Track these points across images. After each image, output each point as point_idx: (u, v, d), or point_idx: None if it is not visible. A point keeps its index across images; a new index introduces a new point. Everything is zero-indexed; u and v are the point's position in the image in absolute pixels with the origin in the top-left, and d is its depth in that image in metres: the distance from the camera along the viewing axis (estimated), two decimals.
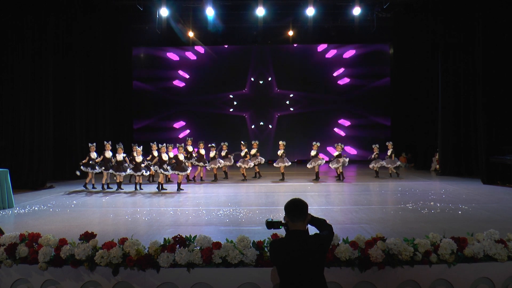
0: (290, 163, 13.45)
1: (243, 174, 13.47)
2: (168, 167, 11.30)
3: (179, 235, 4.14)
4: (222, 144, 13.73)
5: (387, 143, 14.09)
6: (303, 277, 2.89)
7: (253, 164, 13.46)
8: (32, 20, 12.30)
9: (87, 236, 4.16)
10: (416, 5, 16.17)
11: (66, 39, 13.89)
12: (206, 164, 13.31)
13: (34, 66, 12.44)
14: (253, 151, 13.62)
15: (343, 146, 13.33)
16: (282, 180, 13.17)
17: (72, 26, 13.99)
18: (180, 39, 18.14)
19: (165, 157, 11.40)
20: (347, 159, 13.12)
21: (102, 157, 11.76)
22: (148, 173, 12.01)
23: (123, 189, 11.58)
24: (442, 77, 14.30)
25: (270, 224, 3.24)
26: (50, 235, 4.23)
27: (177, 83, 20.32)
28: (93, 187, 11.87)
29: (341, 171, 13.17)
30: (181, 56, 20.17)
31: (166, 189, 11.39)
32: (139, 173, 11.49)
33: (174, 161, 11.49)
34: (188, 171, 11.89)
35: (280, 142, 13.53)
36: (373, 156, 13.78)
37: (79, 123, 14.49)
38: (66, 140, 13.94)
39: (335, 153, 13.17)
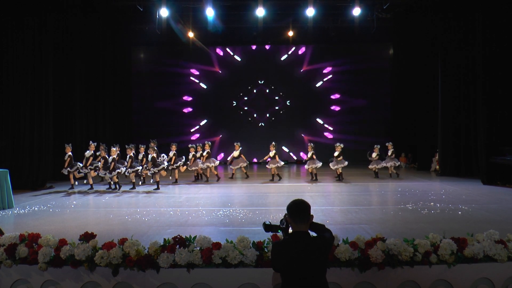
0: (282, 163, 13.45)
1: (204, 174, 13.55)
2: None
3: (179, 235, 4.14)
4: (206, 143, 13.64)
5: (387, 144, 14.10)
6: (306, 278, 2.89)
7: (206, 166, 13.36)
8: (32, 20, 12.30)
9: (87, 237, 4.15)
10: (416, 6, 16.17)
11: (66, 39, 13.91)
12: (176, 165, 12.96)
13: (34, 66, 12.44)
14: (235, 153, 13.75)
15: (342, 147, 13.33)
16: (272, 180, 13.19)
17: (72, 26, 14.01)
18: (180, 39, 18.15)
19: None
20: (345, 161, 13.12)
21: (84, 158, 11.94)
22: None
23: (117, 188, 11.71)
24: (442, 77, 14.30)
25: (268, 227, 3.23)
26: (50, 235, 4.22)
27: (176, 83, 20.30)
28: (71, 187, 11.92)
29: (340, 171, 13.17)
30: (181, 56, 20.15)
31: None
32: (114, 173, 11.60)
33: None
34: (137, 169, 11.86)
35: (272, 144, 13.53)
36: (373, 156, 13.78)
37: (79, 123, 14.50)
38: (66, 140, 13.92)
39: (335, 154, 13.18)
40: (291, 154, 20.48)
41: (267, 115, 20.46)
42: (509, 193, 10.41)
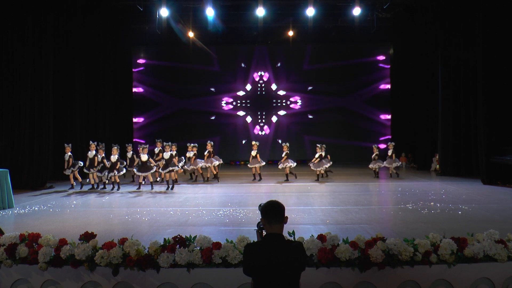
0: (264, 163, 13.38)
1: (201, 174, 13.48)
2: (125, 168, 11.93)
3: (179, 235, 4.14)
4: (208, 142, 13.58)
5: (388, 143, 14.09)
6: (279, 282, 2.81)
7: (206, 166, 13.31)
8: (32, 20, 12.30)
9: (87, 236, 4.15)
10: (416, 6, 16.17)
11: (66, 39, 13.90)
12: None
13: (34, 66, 12.44)
14: (191, 154, 13.36)
15: (325, 147, 13.34)
16: (254, 180, 13.16)
17: (72, 26, 13.99)
18: (180, 39, 18.15)
19: (143, 157, 11.65)
20: (329, 163, 13.10)
21: (87, 158, 11.95)
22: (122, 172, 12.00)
23: (119, 189, 11.69)
24: (442, 77, 14.30)
25: (258, 227, 3.21)
26: (50, 235, 4.23)
27: (176, 83, 20.30)
28: (71, 187, 11.89)
29: (322, 172, 13.10)
30: (181, 56, 20.15)
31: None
32: (113, 173, 11.62)
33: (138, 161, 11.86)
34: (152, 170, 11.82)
35: (253, 143, 13.40)
36: (372, 156, 13.79)
37: (79, 123, 14.49)
38: (66, 140, 13.93)
39: (317, 155, 13.12)
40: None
41: (263, 117, 20.45)
42: (509, 193, 10.41)
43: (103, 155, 11.80)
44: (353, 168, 17.02)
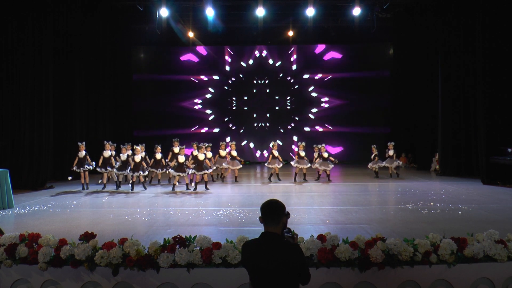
0: (282, 164, 13.28)
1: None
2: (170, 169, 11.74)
3: (179, 235, 4.14)
4: (231, 143, 13.52)
5: (388, 143, 14.09)
6: (277, 282, 2.77)
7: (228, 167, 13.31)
8: (32, 20, 12.29)
9: (87, 236, 4.15)
10: (416, 6, 16.17)
11: (66, 39, 13.90)
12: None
13: (34, 66, 12.43)
14: (209, 154, 13.13)
15: (320, 147, 13.32)
16: (270, 181, 13.13)
17: (72, 26, 14.00)
18: (180, 39, 18.16)
19: (181, 159, 11.55)
20: (332, 162, 13.13)
21: (102, 157, 11.87)
22: (146, 173, 11.96)
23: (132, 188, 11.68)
24: (442, 77, 14.30)
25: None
26: (50, 235, 4.23)
27: (176, 83, 20.29)
28: (86, 187, 11.85)
29: (321, 172, 13.09)
30: (181, 57, 20.15)
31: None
32: (137, 173, 11.56)
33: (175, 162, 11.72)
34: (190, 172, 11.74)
35: (273, 143, 13.29)
36: (372, 156, 13.79)
37: (79, 123, 14.50)
38: (66, 140, 13.94)
39: (315, 155, 13.10)
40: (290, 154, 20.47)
41: (267, 115, 20.44)
42: (509, 193, 10.41)
43: (128, 153, 11.77)
44: (353, 168, 17.02)
